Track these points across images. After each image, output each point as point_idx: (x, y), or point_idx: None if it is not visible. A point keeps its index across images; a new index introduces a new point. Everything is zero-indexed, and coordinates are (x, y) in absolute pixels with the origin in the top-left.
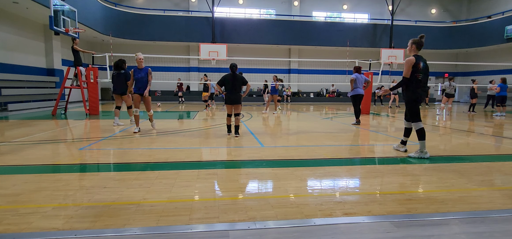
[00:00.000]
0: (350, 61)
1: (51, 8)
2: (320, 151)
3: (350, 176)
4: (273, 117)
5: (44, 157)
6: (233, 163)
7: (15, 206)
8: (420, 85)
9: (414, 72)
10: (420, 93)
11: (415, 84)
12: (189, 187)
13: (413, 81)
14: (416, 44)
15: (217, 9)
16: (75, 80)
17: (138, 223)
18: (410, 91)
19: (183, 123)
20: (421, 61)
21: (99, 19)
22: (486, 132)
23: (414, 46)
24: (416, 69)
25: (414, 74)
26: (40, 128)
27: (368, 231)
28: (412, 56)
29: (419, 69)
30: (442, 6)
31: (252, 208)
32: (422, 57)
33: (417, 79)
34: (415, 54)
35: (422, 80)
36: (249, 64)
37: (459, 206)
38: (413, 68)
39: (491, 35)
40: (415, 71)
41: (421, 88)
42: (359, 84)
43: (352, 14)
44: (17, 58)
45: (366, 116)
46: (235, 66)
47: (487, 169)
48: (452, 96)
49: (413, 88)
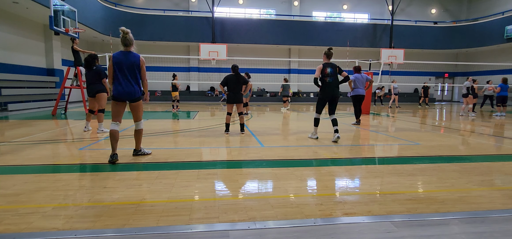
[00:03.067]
0: (350, 61)
1: (51, 8)
2: (320, 151)
3: (350, 176)
4: (273, 118)
5: (44, 157)
6: (233, 163)
7: (15, 206)
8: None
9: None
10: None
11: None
12: (189, 187)
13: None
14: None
15: (217, 9)
16: (75, 80)
17: (138, 223)
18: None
19: (183, 123)
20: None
21: (99, 19)
22: (485, 132)
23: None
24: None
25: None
26: (40, 128)
27: (368, 231)
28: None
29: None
30: (442, 6)
31: (252, 208)
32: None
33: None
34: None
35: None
36: (249, 64)
37: (459, 206)
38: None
39: (491, 35)
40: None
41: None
42: (360, 84)
43: (352, 14)
44: (17, 58)
45: (366, 116)
46: (237, 67)
47: (487, 169)
48: (467, 96)
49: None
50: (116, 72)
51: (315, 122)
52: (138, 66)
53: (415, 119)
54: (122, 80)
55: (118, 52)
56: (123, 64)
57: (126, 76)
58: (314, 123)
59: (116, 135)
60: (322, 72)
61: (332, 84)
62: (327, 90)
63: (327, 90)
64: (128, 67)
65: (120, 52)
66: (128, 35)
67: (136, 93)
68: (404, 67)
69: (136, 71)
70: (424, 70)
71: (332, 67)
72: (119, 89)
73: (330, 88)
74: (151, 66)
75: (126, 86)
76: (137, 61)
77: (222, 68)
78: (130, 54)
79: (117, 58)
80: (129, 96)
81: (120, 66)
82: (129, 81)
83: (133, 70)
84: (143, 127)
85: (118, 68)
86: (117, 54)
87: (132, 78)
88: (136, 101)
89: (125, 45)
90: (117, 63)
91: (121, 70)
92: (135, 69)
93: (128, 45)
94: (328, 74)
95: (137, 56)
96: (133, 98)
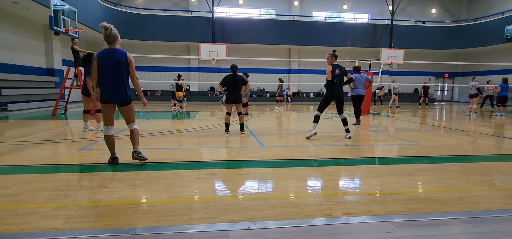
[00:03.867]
0: (350, 61)
1: (51, 8)
2: (320, 151)
3: (350, 176)
4: (273, 117)
5: (44, 157)
6: (233, 163)
7: (15, 206)
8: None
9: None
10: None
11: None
12: (189, 187)
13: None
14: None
15: (217, 9)
16: (75, 80)
17: (138, 223)
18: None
19: (183, 122)
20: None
21: (99, 19)
22: (485, 132)
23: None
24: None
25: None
26: (40, 128)
27: (368, 231)
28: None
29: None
30: (442, 6)
31: (252, 208)
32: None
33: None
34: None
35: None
36: (249, 64)
37: (459, 206)
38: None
39: (491, 35)
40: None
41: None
42: (359, 84)
43: (352, 14)
44: (17, 58)
45: (366, 116)
46: (236, 67)
47: (487, 169)
48: (476, 96)
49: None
50: (101, 73)
51: (316, 118)
52: (125, 64)
53: (415, 119)
54: (109, 81)
55: (101, 51)
56: (108, 63)
57: (112, 77)
58: (314, 119)
59: (111, 139)
60: (332, 74)
61: (339, 85)
62: (334, 90)
63: (334, 91)
64: (114, 67)
65: (104, 50)
66: (111, 31)
67: (124, 96)
68: (404, 67)
69: (123, 70)
70: (424, 70)
71: (339, 68)
72: (105, 91)
73: (337, 89)
74: (151, 66)
75: (113, 88)
76: (123, 58)
77: (222, 68)
78: (115, 51)
79: (101, 58)
80: (118, 99)
81: (105, 65)
82: (116, 81)
83: (119, 69)
84: (137, 126)
85: (103, 69)
86: (100, 53)
87: (119, 78)
88: (126, 105)
89: (109, 43)
90: (102, 62)
91: (106, 70)
92: (122, 67)
93: (112, 42)
94: (337, 75)
95: (123, 53)
96: (122, 101)
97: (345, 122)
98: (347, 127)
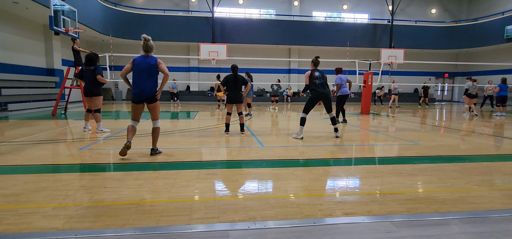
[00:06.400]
0: (350, 61)
1: (51, 8)
2: (320, 151)
3: (350, 176)
4: (273, 117)
5: (44, 157)
6: (233, 163)
7: (15, 206)
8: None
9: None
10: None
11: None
12: (189, 187)
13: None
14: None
15: (217, 9)
16: (75, 80)
17: (138, 223)
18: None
19: (183, 122)
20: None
21: (99, 19)
22: (485, 132)
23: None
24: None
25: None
26: (40, 128)
27: (368, 231)
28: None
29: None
30: (442, 6)
31: (252, 208)
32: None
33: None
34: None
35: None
36: (249, 64)
37: (459, 206)
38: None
39: (491, 35)
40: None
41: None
42: (344, 84)
43: (352, 14)
44: (17, 58)
45: (366, 116)
46: (236, 67)
47: (487, 169)
48: (476, 96)
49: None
50: (134, 74)
51: (302, 121)
52: (155, 67)
53: (415, 119)
54: (139, 81)
55: (139, 56)
56: (141, 66)
57: (142, 78)
58: (300, 122)
59: (133, 129)
60: (311, 77)
61: (322, 85)
62: (318, 91)
63: (319, 91)
64: (146, 70)
65: (141, 56)
66: (149, 42)
67: (150, 91)
68: (404, 67)
69: (154, 72)
70: (424, 70)
71: (319, 71)
72: (135, 90)
73: (321, 89)
74: None
75: (142, 86)
76: (154, 62)
77: (222, 68)
78: (149, 58)
79: (136, 61)
80: (145, 95)
81: (138, 68)
82: (145, 81)
83: (150, 72)
84: (159, 125)
85: (137, 70)
86: (137, 58)
87: (149, 79)
88: (153, 103)
89: (146, 51)
90: (136, 65)
91: (138, 72)
92: (152, 70)
93: (149, 51)
94: (317, 77)
95: (154, 59)
96: (148, 97)
97: (334, 121)
98: (336, 126)
